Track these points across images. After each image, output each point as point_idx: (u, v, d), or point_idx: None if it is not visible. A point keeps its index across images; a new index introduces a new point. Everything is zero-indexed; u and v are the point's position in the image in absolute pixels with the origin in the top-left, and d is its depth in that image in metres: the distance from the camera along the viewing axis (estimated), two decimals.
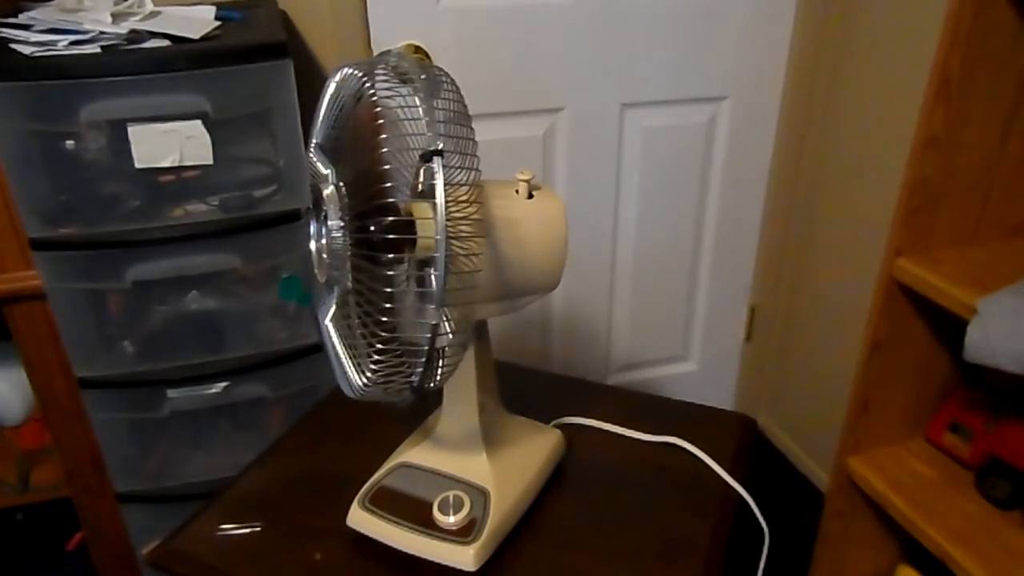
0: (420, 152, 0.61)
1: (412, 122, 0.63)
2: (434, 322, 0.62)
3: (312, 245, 0.69)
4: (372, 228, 0.62)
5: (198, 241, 1.19)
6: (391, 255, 0.62)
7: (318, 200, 0.68)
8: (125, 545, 1.45)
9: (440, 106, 0.63)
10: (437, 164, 0.61)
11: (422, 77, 0.65)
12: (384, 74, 0.64)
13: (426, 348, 0.63)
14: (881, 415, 1.21)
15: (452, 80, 0.66)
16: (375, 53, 1.42)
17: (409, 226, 0.63)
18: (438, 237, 0.60)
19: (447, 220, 0.60)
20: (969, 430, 1.17)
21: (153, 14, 1.19)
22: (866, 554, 1.35)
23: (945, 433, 1.21)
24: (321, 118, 0.69)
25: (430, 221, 0.63)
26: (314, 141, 0.70)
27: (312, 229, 0.70)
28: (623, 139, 1.67)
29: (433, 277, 0.61)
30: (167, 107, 1.12)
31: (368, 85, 0.63)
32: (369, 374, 0.65)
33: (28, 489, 1.48)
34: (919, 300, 1.10)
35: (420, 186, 0.67)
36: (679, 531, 0.82)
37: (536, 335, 1.83)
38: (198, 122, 1.13)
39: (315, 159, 0.69)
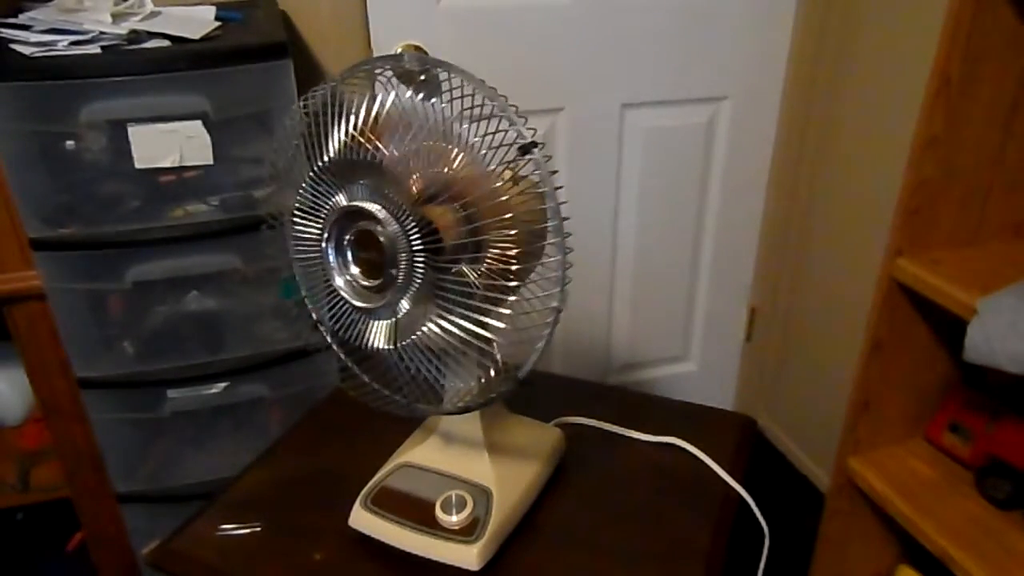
0: (517, 146, 0.63)
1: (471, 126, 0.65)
2: (555, 304, 0.65)
3: (339, 280, 0.69)
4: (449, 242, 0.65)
5: (198, 241, 1.19)
6: (510, 258, 0.65)
7: (342, 227, 0.68)
8: (125, 545, 1.45)
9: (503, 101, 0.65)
10: (537, 154, 0.63)
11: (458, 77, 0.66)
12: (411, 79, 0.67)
13: (547, 333, 0.66)
14: (881, 415, 1.21)
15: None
16: (375, 53, 1.42)
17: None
18: (554, 223, 0.63)
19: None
20: (969, 430, 1.17)
21: (153, 14, 1.19)
22: (866, 554, 1.35)
23: (945, 433, 1.21)
24: (346, 133, 0.68)
25: (450, 224, 0.65)
26: (326, 158, 0.69)
27: (332, 261, 0.69)
28: (623, 139, 1.67)
29: (552, 263, 0.64)
30: (167, 107, 1.12)
31: (424, 96, 0.65)
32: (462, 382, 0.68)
33: (28, 489, 1.48)
34: (919, 300, 1.10)
35: (416, 191, 0.67)
36: (679, 531, 0.82)
37: None
38: (198, 122, 1.13)
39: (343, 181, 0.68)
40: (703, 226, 1.82)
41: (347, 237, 0.68)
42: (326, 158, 0.69)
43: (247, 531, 0.83)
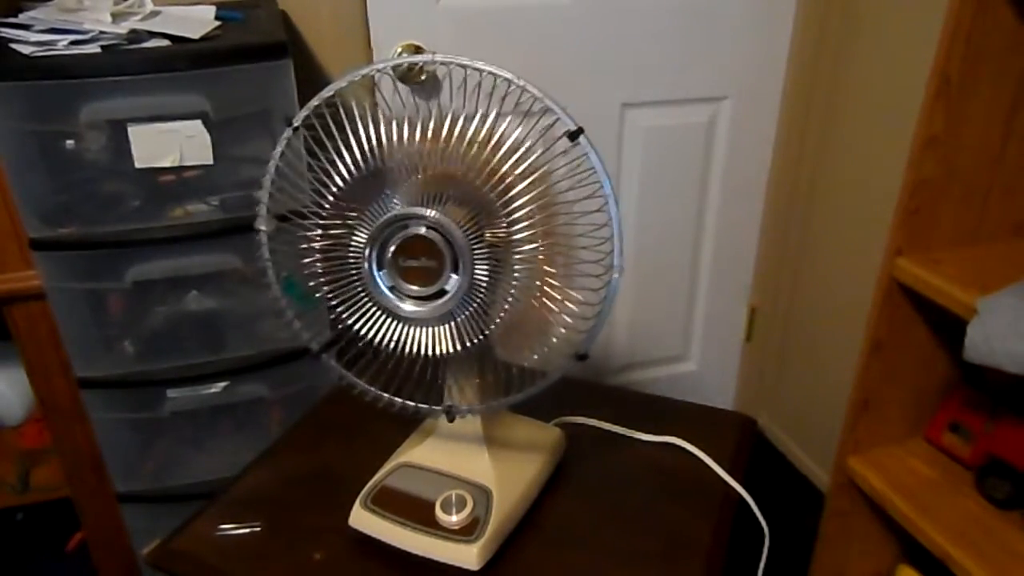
0: (567, 133, 0.68)
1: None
2: (617, 275, 0.69)
3: (407, 306, 0.70)
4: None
5: (198, 241, 1.19)
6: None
7: (384, 242, 0.68)
8: (125, 545, 1.45)
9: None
10: (584, 140, 0.68)
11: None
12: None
13: (609, 303, 0.70)
14: (881, 415, 1.21)
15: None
16: (375, 53, 1.43)
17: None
18: (608, 199, 0.68)
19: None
20: (969, 430, 1.17)
21: (153, 14, 1.19)
22: (866, 554, 1.35)
23: (945, 433, 1.21)
24: (401, 141, 0.69)
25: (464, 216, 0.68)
26: (362, 164, 0.69)
27: (383, 286, 0.70)
28: (623, 139, 1.67)
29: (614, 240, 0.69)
30: (167, 107, 1.11)
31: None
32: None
33: (28, 489, 1.48)
34: (919, 300, 1.10)
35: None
36: (679, 531, 0.82)
37: None
38: (198, 122, 1.12)
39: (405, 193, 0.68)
40: (703, 226, 1.82)
41: (389, 251, 0.69)
42: (358, 168, 0.69)
43: (247, 531, 0.83)
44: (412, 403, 0.78)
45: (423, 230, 0.67)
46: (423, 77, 1.41)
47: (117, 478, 1.35)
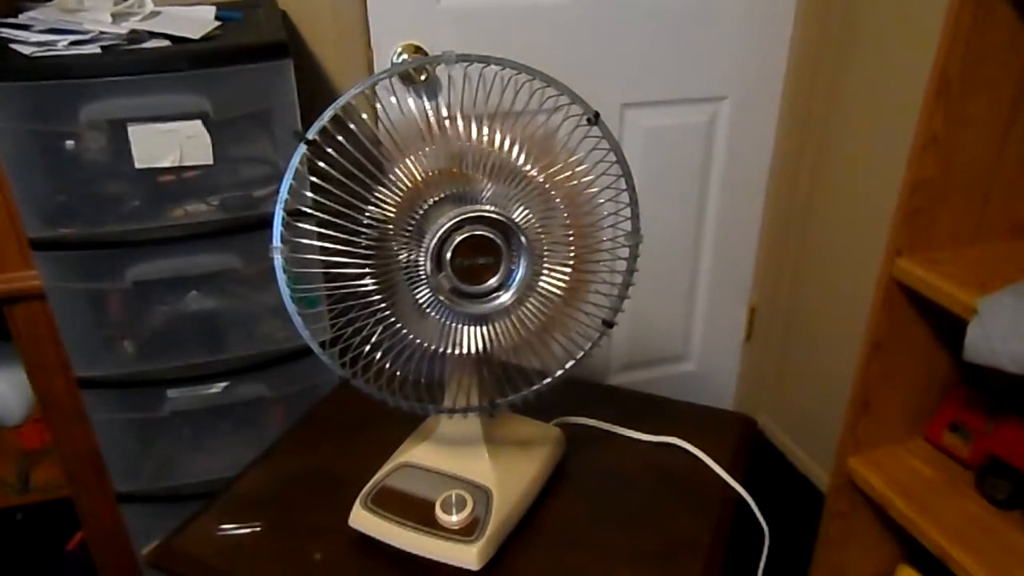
0: (587, 117, 0.71)
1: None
2: (636, 242, 0.74)
3: (473, 307, 0.70)
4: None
5: (198, 241, 1.19)
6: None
7: (440, 246, 0.68)
8: (125, 545, 1.45)
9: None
10: (603, 128, 0.70)
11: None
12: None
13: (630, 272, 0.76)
14: (881, 415, 1.21)
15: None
16: (375, 53, 1.42)
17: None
18: (627, 180, 0.72)
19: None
20: (969, 430, 1.17)
21: (153, 14, 1.19)
22: (866, 554, 1.35)
23: (945, 433, 1.21)
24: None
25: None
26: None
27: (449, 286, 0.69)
28: (623, 139, 1.67)
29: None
30: (167, 107, 1.11)
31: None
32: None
33: (28, 489, 1.48)
34: (919, 300, 1.10)
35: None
36: (679, 531, 0.82)
37: None
38: (198, 122, 1.12)
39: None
40: (703, 226, 1.82)
41: (447, 255, 0.69)
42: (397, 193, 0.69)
43: (247, 531, 0.83)
44: (454, 409, 0.78)
45: (482, 228, 0.67)
46: (424, 77, 1.41)
47: (117, 478, 1.35)
